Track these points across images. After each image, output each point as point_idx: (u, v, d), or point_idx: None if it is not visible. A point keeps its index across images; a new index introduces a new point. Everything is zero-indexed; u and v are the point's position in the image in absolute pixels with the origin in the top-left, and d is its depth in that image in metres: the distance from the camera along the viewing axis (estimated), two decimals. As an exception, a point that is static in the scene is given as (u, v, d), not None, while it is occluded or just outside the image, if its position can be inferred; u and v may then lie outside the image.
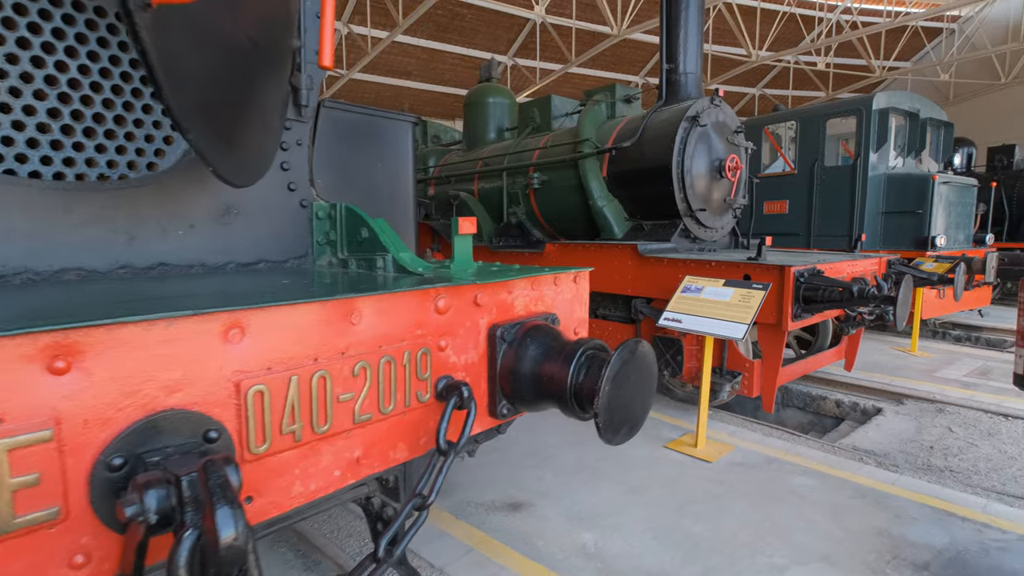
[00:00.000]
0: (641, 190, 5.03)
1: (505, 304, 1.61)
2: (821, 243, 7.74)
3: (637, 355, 1.44)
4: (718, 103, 4.94)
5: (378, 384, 1.29)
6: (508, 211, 6.29)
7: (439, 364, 1.44)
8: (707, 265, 4.01)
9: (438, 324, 1.43)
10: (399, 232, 2.12)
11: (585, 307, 1.93)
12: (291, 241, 1.84)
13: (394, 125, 2.15)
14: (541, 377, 1.51)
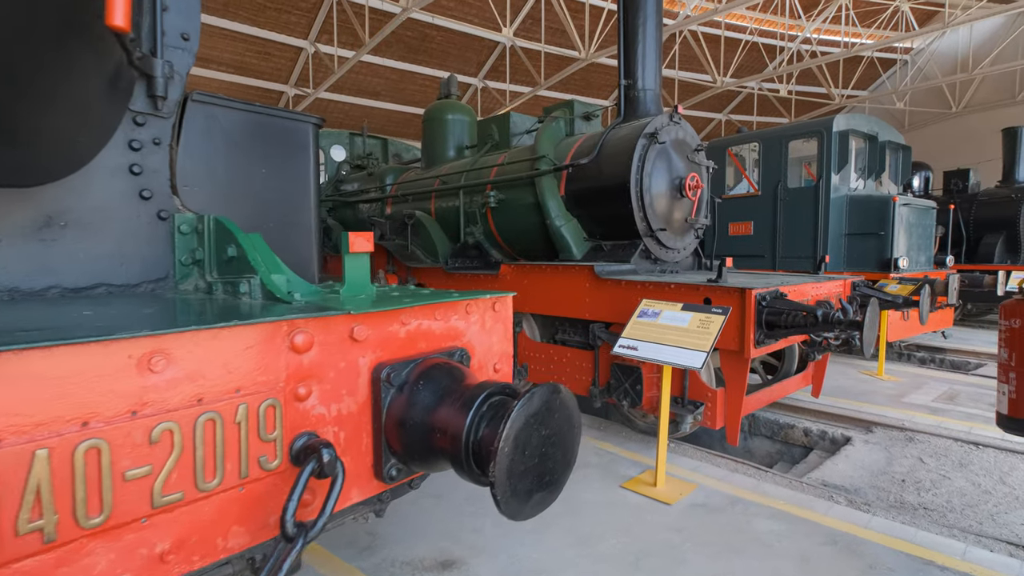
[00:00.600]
0: (600, 209, 4.80)
1: (395, 338, 1.29)
2: (786, 264, 7.65)
3: (550, 404, 1.14)
4: (678, 120, 4.78)
5: (193, 452, 0.95)
6: (465, 231, 6.00)
7: (296, 418, 1.12)
8: (666, 288, 3.77)
9: (296, 367, 1.11)
10: (296, 249, 1.80)
11: (507, 339, 1.63)
12: (145, 261, 1.51)
13: (293, 127, 1.85)
14: (433, 430, 1.19)
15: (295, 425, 1.11)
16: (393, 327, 1.29)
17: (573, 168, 4.88)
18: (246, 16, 17.71)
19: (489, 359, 1.57)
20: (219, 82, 20.40)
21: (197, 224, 1.54)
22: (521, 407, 1.07)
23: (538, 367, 4.88)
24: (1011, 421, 1.62)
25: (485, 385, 1.20)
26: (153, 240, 1.50)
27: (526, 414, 1.08)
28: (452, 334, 1.45)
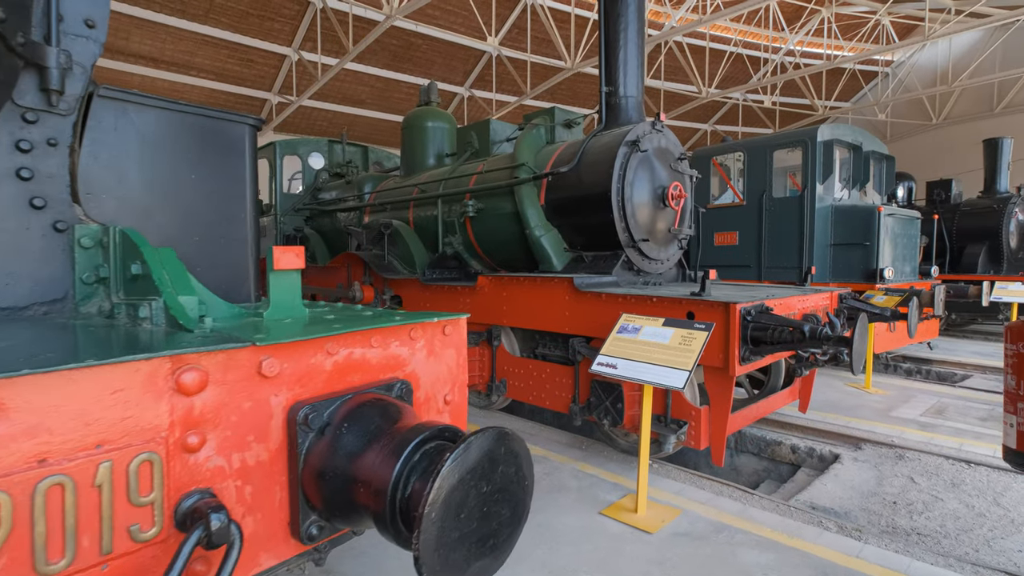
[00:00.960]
0: (580, 218, 4.65)
1: (318, 372, 1.10)
2: (772, 275, 7.55)
3: (492, 455, 0.95)
4: (660, 128, 4.65)
5: (31, 527, 0.75)
6: (444, 241, 5.82)
7: (184, 474, 0.92)
8: (648, 301, 3.61)
9: (185, 412, 0.92)
10: (229, 265, 1.60)
11: (461, 366, 1.44)
12: (37, 279, 1.30)
13: (225, 128, 1.66)
14: (356, 483, 1.00)
15: (183, 483, 0.91)
16: (316, 358, 1.10)
17: (553, 176, 4.72)
18: (228, 23, 17.49)
19: (438, 390, 1.39)
20: (200, 89, 20.11)
21: (102, 237, 1.34)
22: (454, 462, 0.88)
23: (517, 383, 4.69)
24: (1020, 456, 1.46)
25: (420, 428, 1.01)
26: (47, 255, 1.30)
27: (461, 470, 0.89)
28: (392, 364, 1.26)
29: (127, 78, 18.73)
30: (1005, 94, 22.83)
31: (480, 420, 4.82)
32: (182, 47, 18.00)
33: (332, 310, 1.52)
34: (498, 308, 4.70)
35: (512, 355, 4.76)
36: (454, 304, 5.15)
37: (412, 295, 5.74)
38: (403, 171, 6.94)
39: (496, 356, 4.86)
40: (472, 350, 4.97)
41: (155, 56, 18.16)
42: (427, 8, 18.19)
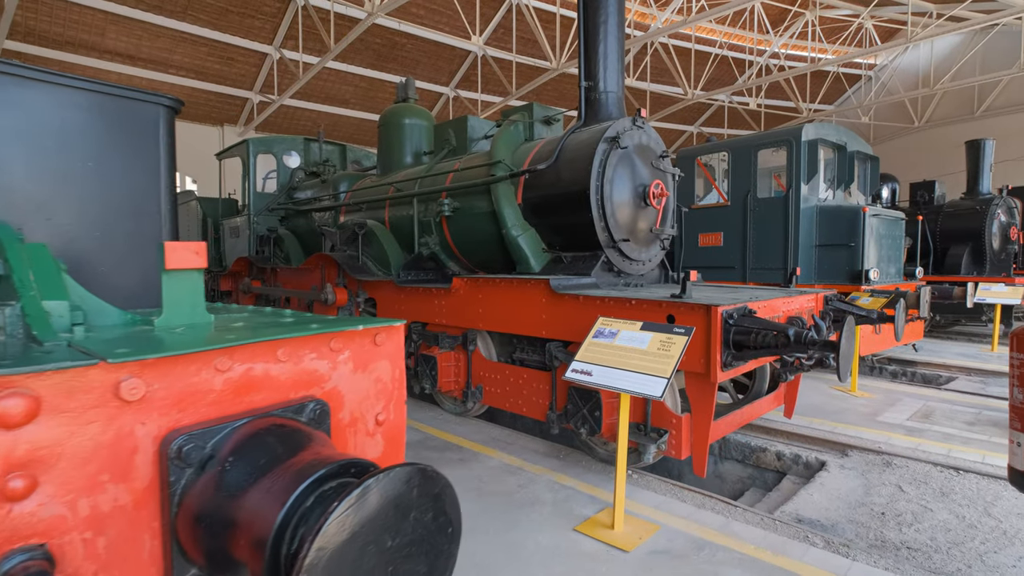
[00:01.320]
0: (559, 218, 4.47)
1: (205, 393, 0.91)
2: (757, 276, 7.43)
3: (401, 502, 0.76)
4: (641, 124, 4.49)
5: None
6: (419, 242, 5.62)
7: (5, 528, 0.72)
8: (626, 304, 3.44)
9: (6, 450, 0.71)
10: (138, 265, 1.38)
11: (396, 380, 1.25)
12: None
13: (134, 109, 1.45)
14: (235, 531, 0.81)
15: (1, 540, 0.72)
16: (201, 377, 0.91)
17: (530, 174, 4.54)
18: (207, 20, 17.13)
19: (368, 409, 1.20)
20: (180, 87, 19.69)
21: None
22: (344, 512, 0.69)
23: (493, 389, 4.50)
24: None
25: (319, 462, 0.82)
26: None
27: (354, 522, 0.70)
28: (306, 380, 1.07)
29: (102, 75, 18.28)
30: (985, 97, 23.12)
31: (456, 428, 4.62)
32: (159, 44, 17.61)
33: (250, 315, 1.32)
34: (473, 311, 4.51)
35: (488, 360, 4.57)
36: (428, 307, 4.94)
37: (386, 297, 5.53)
38: (380, 170, 6.73)
39: (472, 361, 4.66)
40: (448, 355, 4.77)
41: (131, 53, 17.74)
42: (411, 7, 17.98)
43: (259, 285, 7.67)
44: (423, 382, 4.79)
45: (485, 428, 4.62)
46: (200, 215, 9.40)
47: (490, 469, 3.70)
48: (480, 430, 4.57)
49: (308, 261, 6.36)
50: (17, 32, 15.81)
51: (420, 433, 4.45)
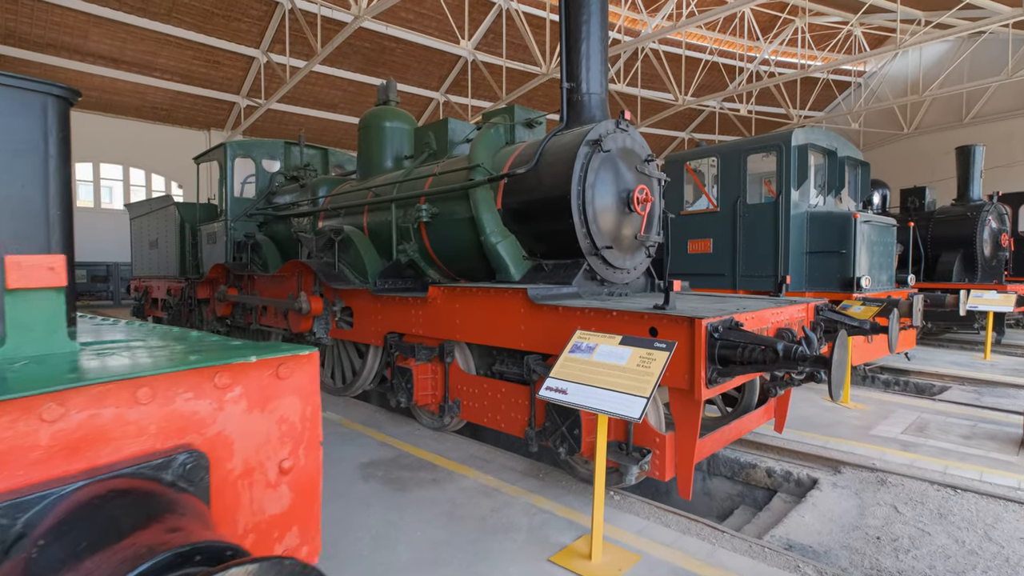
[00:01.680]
0: (539, 224, 4.29)
1: (24, 449, 0.70)
2: (747, 284, 7.28)
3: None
4: (625, 127, 4.32)
5: None
6: (397, 248, 5.41)
7: None
8: (607, 315, 3.25)
9: None
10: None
11: (308, 419, 1.04)
12: None
13: (12, 98, 1.24)
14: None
15: None
16: (17, 429, 0.70)
17: (510, 178, 4.36)
18: (192, 22, 16.90)
19: (268, 456, 0.99)
20: (165, 91, 19.45)
21: None
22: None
23: (471, 403, 4.29)
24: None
25: (154, 548, 0.62)
26: None
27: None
28: (179, 425, 0.87)
29: (86, 79, 18.01)
30: (974, 104, 23.25)
31: (433, 444, 4.41)
32: (143, 47, 17.35)
33: (143, 341, 1.11)
34: (450, 321, 4.30)
35: (466, 373, 4.36)
36: (405, 316, 4.73)
37: (363, 306, 5.31)
38: (359, 174, 6.53)
39: (449, 374, 4.45)
40: (424, 367, 4.55)
41: (115, 56, 17.47)
42: (400, 11, 17.85)
43: (235, 293, 7.42)
44: (399, 395, 4.57)
45: (463, 444, 4.40)
46: (178, 221, 9.14)
47: (464, 491, 3.49)
48: (458, 447, 4.36)
49: (283, 268, 6.14)
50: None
51: (394, 450, 4.23)
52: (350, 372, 5.92)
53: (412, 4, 17.87)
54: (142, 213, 10.95)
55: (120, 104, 19.65)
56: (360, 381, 5.65)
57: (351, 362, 5.92)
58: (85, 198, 20.30)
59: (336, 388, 6.03)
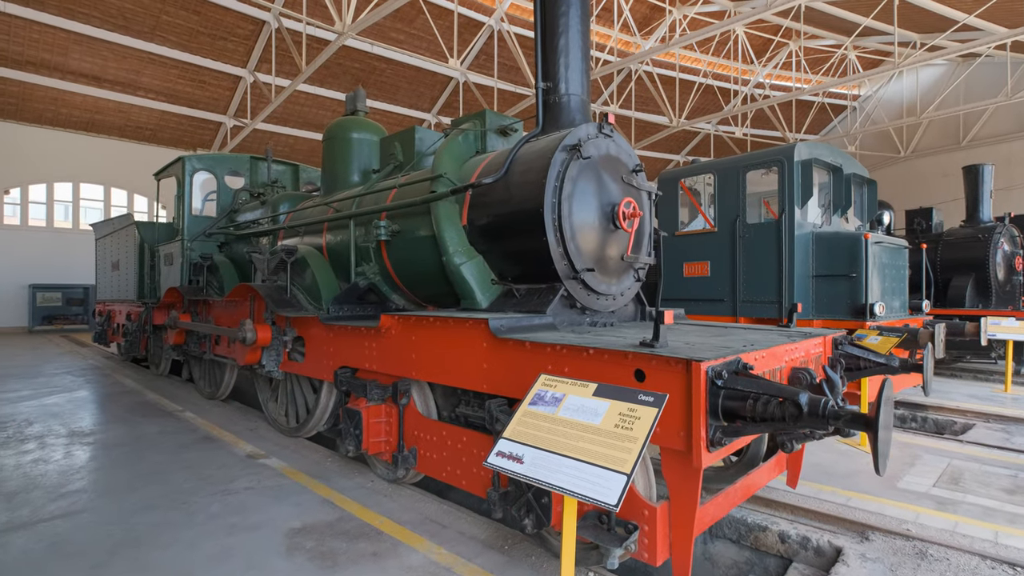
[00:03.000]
0: (509, 243, 3.68)
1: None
2: (749, 310, 6.67)
3: None
4: (609, 132, 3.75)
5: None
6: (356, 270, 4.80)
7: None
8: (583, 354, 2.61)
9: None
10: None
11: None
12: None
13: None
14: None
15: None
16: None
17: (476, 190, 3.77)
18: (176, 41, 16.57)
19: None
20: (149, 110, 19.05)
21: None
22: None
23: (429, 453, 3.62)
24: None
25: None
26: None
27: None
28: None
29: (67, 97, 17.61)
30: (971, 127, 23.04)
31: (384, 503, 3.72)
32: (126, 65, 16.98)
33: None
34: (406, 356, 3.66)
35: (424, 417, 3.70)
36: (358, 349, 4.09)
37: (315, 336, 4.67)
38: (323, 190, 5.95)
39: (404, 417, 3.79)
40: (377, 408, 3.89)
41: (97, 74, 17.09)
42: (390, 31, 17.59)
43: (188, 319, 6.77)
44: (347, 442, 3.90)
45: (420, 503, 3.72)
46: (138, 241, 8.53)
47: (409, 571, 2.80)
48: (413, 505, 3.67)
49: (232, 292, 5.51)
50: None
51: (336, 510, 3.54)
52: (304, 410, 5.24)
53: (402, 24, 17.64)
54: (106, 233, 10.35)
55: (103, 123, 19.23)
56: (313, 421, 4.97)
57: (304, 398, 5.25)
58: (63, 219, 19.71)
59: (288, 428, 5.35)
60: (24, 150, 18.12)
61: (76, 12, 14.86)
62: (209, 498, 3.70)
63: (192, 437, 5.25)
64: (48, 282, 18.79)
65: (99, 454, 4.69)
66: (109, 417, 6.06)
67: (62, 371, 9.30)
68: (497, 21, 18.31)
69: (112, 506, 3.57)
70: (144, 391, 7.54)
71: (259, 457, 4.65)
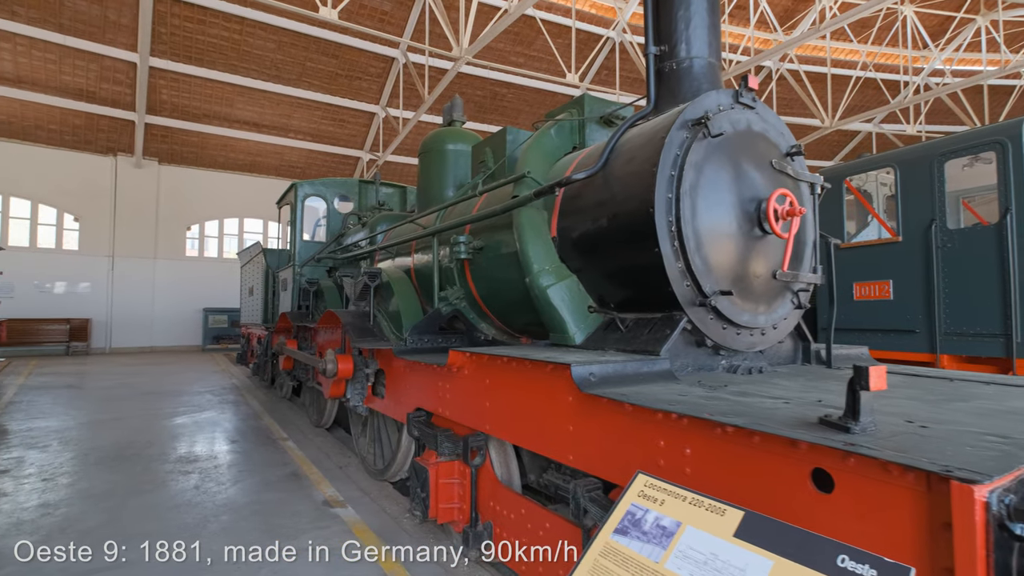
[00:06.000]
0: (610, 257, 2.77)
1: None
2: (956, 346, 4.95)
3: None
4: (750, 101, 2.72)
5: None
6: (438, 295, 4.17)
7: None
8: (715, 432, 1.62)
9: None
10: None
11: None
12: None
13: None
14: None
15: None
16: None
17: (568, 192, 2.93)
18: (319, 85, 18.02)
19: None
20: (299, 150, 20.96)
21: None
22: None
23: (509, 532, 2.78)
24: None
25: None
26: None
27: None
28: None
29: (234, 143, 19.95)
30: None
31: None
32: (280, 111, 18.81)
33: None
34: (479, 403, 2.89)
35: (502, 484, 2.88)
36: (431, 390, 3.41)
37: (394, 371, 4.10)
38: (418, 207, 5.49)
39: (478, 481, 3.00)
40: (448, 466, 3.15)
41: (256, 121, 19.14)
42: (510, 56, 17.57)
43: (295, 346, 6.70)
44: (414, 505, 3.20)
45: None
46: (264, 267, 8.90)
47: None
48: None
49: (321, 320, 5.19)
50: (164, 109, 17.72)
51: (393, 595, 2.83)
52: (389, 451, 4.70)
53: (522, 48, 17.55)
54: (245, 261, 11.10)
55: (262, 164, 21.54)
56: (395, 466, 4.39)
57: (389, 438, 4.70)
58: (229, 250, 22.26)
59: (375, 469, 4.83)
60: (201, 192, 20.85)
61: (239, 67, 16.78)
62: (257, 567, 3.20)
63: (280, 473, 4.95)
64: (217, 306, 21.23)
65: (186, 490, 4.52)
66: (218, 443, 6.07)
67: (205, 390, 9.98)
68: (618, 33, 17.49)
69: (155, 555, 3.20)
70: (262, 415, 7.65)
71: (335, 505, 4.15)
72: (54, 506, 4.01)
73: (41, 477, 4.70)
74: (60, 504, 4.05)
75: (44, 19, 13.98)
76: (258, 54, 16.39)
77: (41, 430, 6.51)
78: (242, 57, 16.40)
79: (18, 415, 7.40)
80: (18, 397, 8.89)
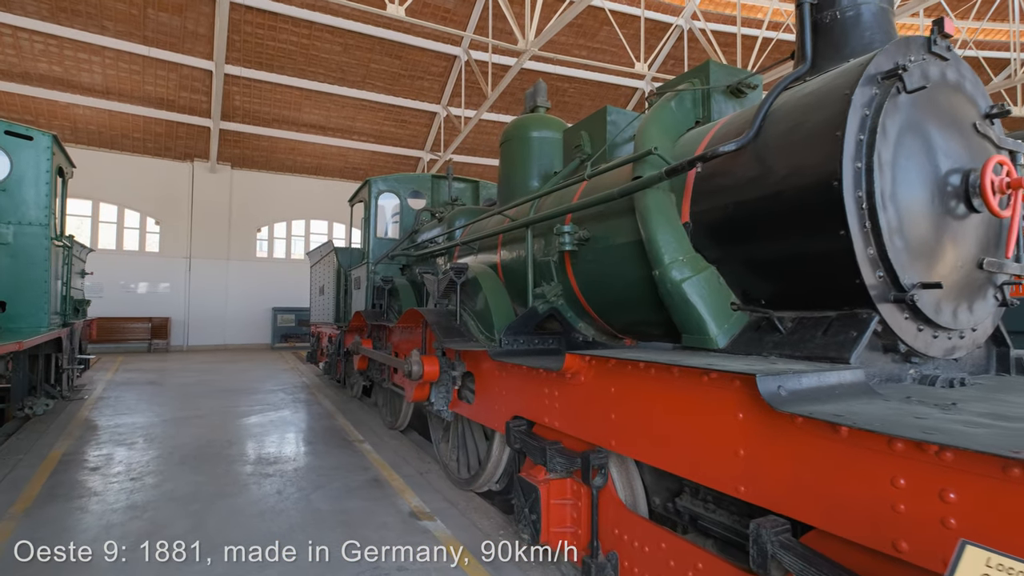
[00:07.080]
0: (767, 244, 2.31)
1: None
2: None
3: None
4: (944, 49, 2.20)
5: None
6: (534, 291, 3.81)
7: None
8: (997, 472, 1.16)
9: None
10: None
11: None
12: None
13: None
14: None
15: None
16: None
17: (702, 173, 2.49)
18: (382, 86, 18.18)
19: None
20: (362, 152, 21.28)
21: None
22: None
23: (641, 567, 2.37)
24: None
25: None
26: None
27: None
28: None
29: (301, 146, 20.45)
30: None
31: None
32: (344, 113, 19.12)
33: None
34: (602, 416, 2.50)
35: (628, 510, 2.48)
36: (535, 397, 3.05)
37: (485, 374, 3.78)
38: (500, 199, 5.18)
39: (599, 505, 2.61)
40: (561, 484, 2.78)
41: (322, 124, 19.54)
42: (572, 49, 17.11)
43: (370, 345, 6.54)
44: (521, 528, 2.85)
45: (622, 638, 2.47)
46: (336, 266, 8.87)
47: None
48: (613, 641, 2.44)
49: (402, 318, 4.96)
50: (237, 115, 18.36)
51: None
52: (476, 460, 4.39)
53: (584, 40, 17.06)
54: (315, 261, 11.19)
55: (327, 167, 22.02)
56: (484, 477, 4.07)
57: (476, 446, 4.39)
58: (296, 251, 22.88)
59: (459, 478, 4.54)
60: (271, 194, 21.53)
61: (306, 71, 17.14)
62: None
63: (361, 479, 4.74)
64: (285, 305, 21.87)
65: (269, 495, 4.37)
66: (294, 445, 5.98)
67: (277, 388, 10.10)
68: (687, 20, 16.69)
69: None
70: (335, 415, 7.57)
71: (423, 517, 3.87)
72: (142, 508, 3.93)
73: (129, 476, 4.69)
74: (147, 507, 3.96)
75: (130, 32, 14.70)
76: (324, 57, 16.67)
77: (127, 426, 6.64)
78: (309, 61, 16.73)
79: (107, 411, 7.63)
80: (106, 393, 9.24)
